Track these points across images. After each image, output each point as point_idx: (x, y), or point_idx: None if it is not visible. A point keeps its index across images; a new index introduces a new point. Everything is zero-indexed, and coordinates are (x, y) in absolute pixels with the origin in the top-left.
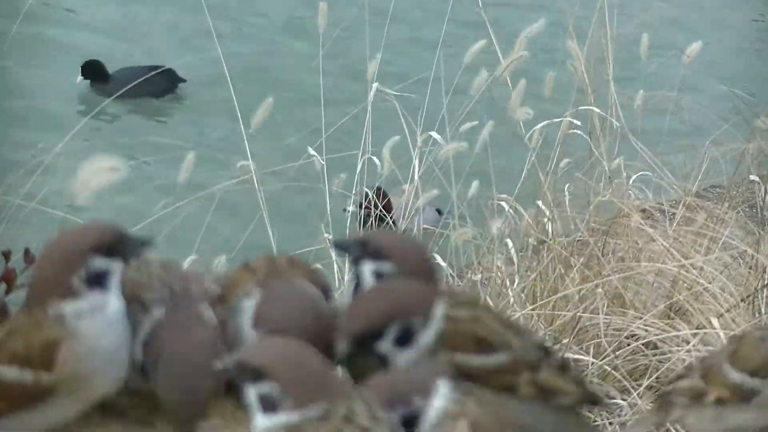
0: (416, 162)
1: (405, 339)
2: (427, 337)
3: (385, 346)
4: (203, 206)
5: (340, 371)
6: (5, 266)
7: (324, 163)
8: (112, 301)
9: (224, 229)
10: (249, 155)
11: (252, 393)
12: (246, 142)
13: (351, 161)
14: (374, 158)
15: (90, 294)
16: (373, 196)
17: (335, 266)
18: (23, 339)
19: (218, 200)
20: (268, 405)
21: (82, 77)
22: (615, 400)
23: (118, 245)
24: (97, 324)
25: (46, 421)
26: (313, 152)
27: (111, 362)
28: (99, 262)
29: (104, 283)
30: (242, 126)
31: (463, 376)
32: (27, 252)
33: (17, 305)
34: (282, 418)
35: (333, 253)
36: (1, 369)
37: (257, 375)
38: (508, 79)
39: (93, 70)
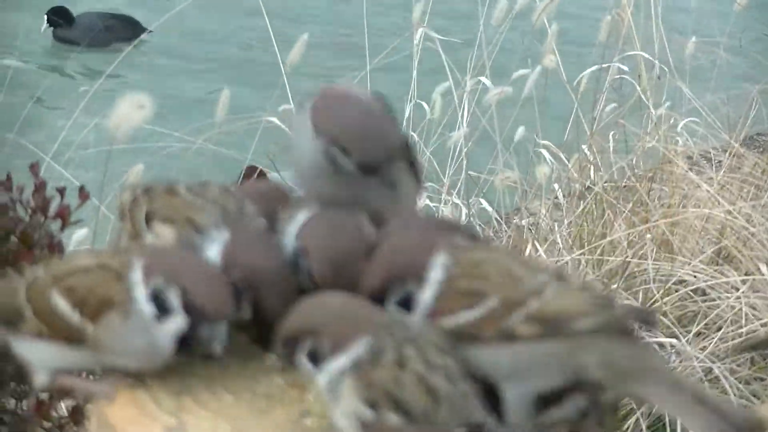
0: (465, 106)
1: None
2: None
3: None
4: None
5: None
6: (60, 203)
7: None
8: (165, 326)
9: None
10: (290, 98)
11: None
12: (287, 84)
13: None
14: (423, 103)
15: (148, 305)
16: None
17: None
18: (88, 284)
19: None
20: (315, 359)
21: (48, 25)
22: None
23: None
24: (141, 329)
25: (76, 363)
26: None
27: (136, 359)
28: (163, 286)
29: (164, 310)
30: (281, 65)
31: None
32: (82, 189)
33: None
34: (332, 366)
35: None
36: (58, 298)
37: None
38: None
39: (58, 17)
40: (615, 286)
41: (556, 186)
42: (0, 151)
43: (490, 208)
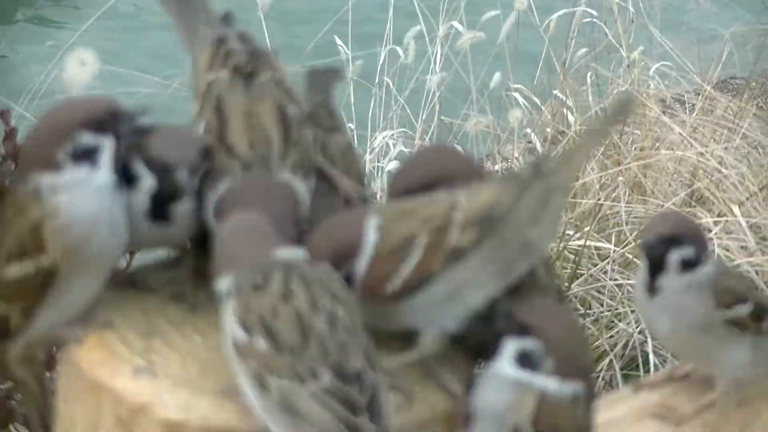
0: (438, 51)
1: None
2: None
3: None
4: None
5: None
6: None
7: (350, 53)
8: (99, 176)
9: None
10: (267, 43)
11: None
12: (265, 31)
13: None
14: (397, 48)
15: (74, 168)
16: None
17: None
18: (14, 230)
19: None
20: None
21: None
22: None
23: (110, 121)
24: (76, 197)
25: (71, 300)
26: (339, 42)
27: (99, 233)
28: (87, 138)
29: (92, 159)
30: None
31: None
32: None
33: None
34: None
35: None
36: (4, 270)
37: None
38: None
39: None
40: (588, 228)
41: (528, 130)
42: None
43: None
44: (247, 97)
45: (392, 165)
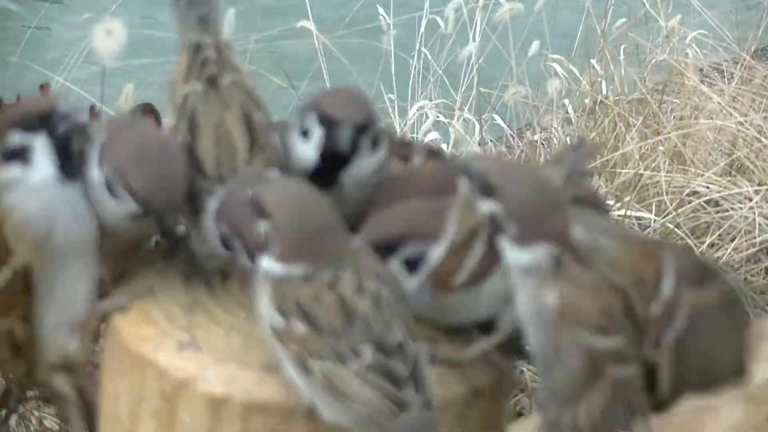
0: (477, 21)
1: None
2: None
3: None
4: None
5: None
6: None
7: (391, 22)
8: (35, 173)
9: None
10: (309, 13)
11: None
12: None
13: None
14: (437, 18)
15: (7, 167)
16: None
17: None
18: None
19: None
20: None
21: None
22: None
23: (40, 120)
24: (22, 195)
25: (64, 296)
26: (382, 12)
27: (59, 224)
28: (16, 137)
29: (23, 157)
30: None
31: None
32: (92, 108)
33: None
34: (265, 261)
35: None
36: None
37: (260, 212)
38: None
39: None
40: (628, 198)
41: (566, 101)
42: (5, 74)
43: (503, 124)
44: (218, 107)
45: (430, 136)
